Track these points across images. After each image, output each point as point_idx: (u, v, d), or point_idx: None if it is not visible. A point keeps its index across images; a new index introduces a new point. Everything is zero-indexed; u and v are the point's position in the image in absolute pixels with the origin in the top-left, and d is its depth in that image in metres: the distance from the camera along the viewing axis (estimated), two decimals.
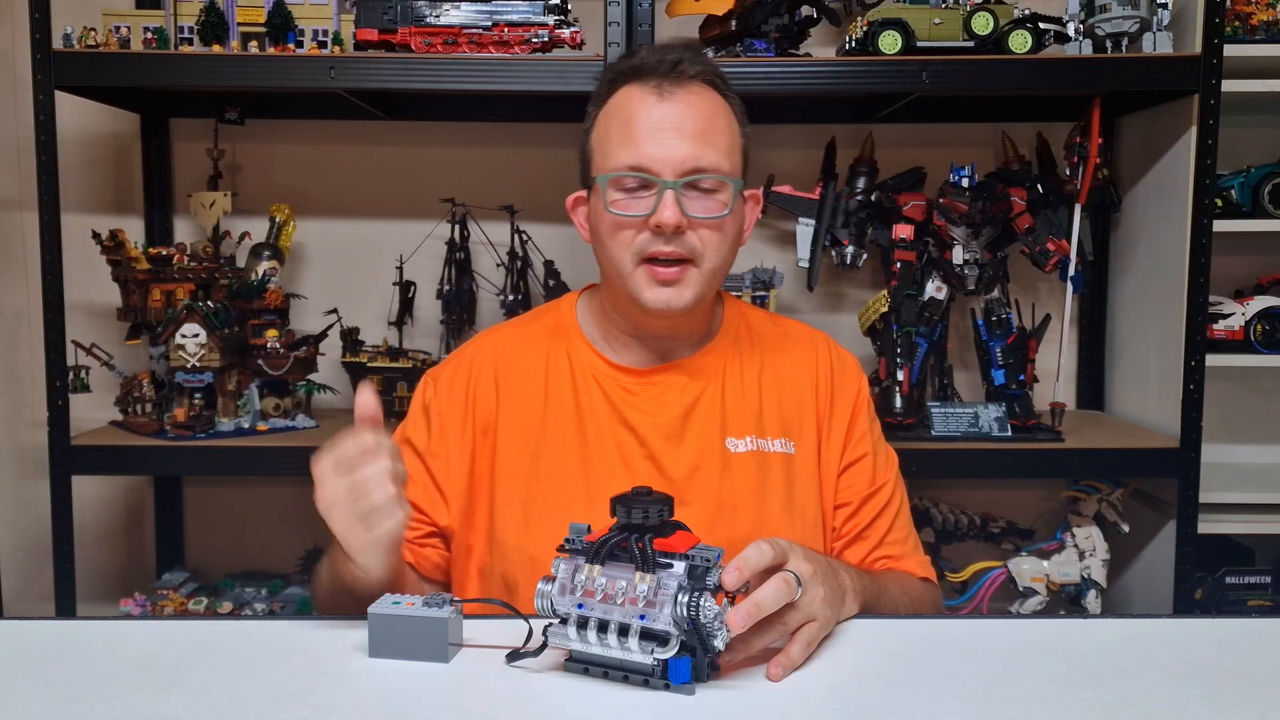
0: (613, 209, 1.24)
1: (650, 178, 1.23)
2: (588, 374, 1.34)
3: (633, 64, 1.28)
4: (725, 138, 1.27)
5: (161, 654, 0.97)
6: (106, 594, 2.39)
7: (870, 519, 1.35)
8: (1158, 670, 0.95)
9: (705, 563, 0.88)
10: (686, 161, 1.22)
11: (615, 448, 1.30)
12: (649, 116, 1.24)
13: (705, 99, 1.26)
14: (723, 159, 1.25)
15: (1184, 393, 1.99)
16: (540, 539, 1.23)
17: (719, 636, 0.87)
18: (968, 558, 2.19)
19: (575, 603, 0.90)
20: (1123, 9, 1.93)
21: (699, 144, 1.23)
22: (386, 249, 2.30)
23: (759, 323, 1.43)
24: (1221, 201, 2.13)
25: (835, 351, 1.43)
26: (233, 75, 1.94)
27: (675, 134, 1.23)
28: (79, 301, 2.22)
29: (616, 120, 1.27)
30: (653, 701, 0.87)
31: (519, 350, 1.37)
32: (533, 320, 1.44)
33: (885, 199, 2.15)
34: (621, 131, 1.25)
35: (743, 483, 1.30)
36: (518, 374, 1.35)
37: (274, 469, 2.06)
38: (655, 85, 1.25)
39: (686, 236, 1.23)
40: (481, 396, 1.34)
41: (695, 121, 1.24)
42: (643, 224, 1.23)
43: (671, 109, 1.24)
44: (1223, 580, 2.15)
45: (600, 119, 1.30)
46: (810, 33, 2.07)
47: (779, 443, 1.33)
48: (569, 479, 1.29)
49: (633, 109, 1.25)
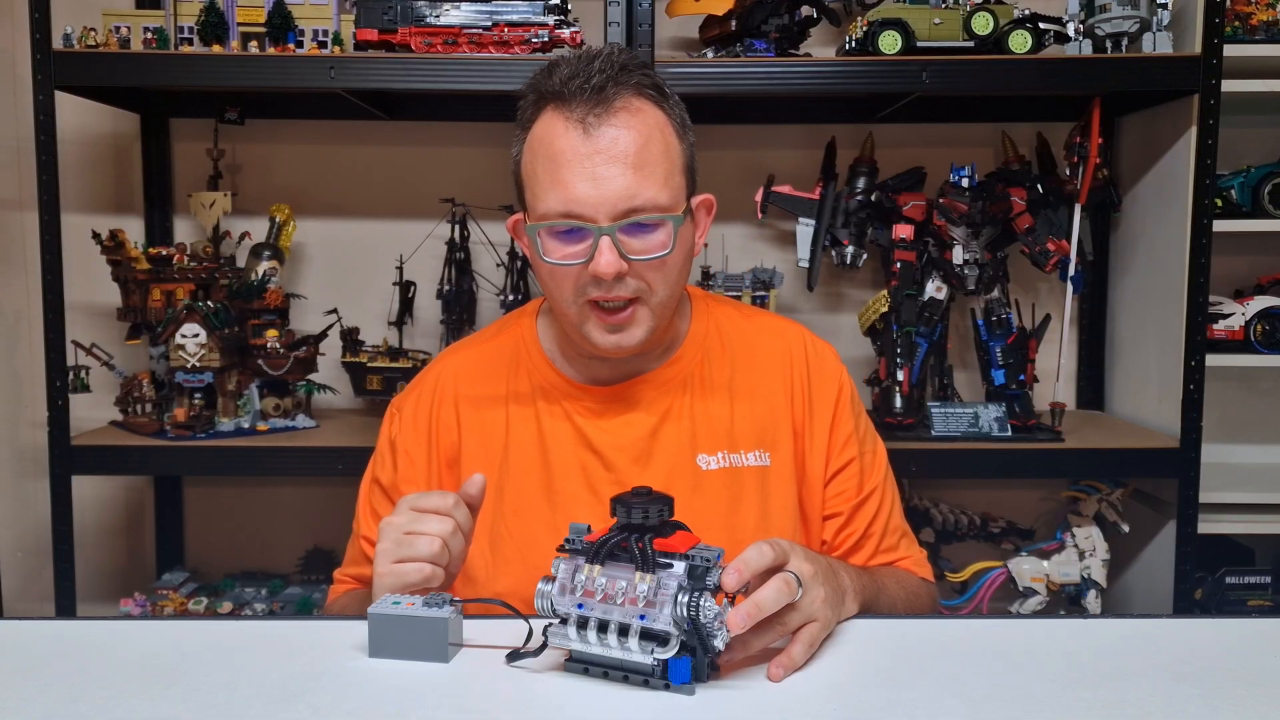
0: (548, 258, 1.16)
1: (583, 225, 1.14)
2: (550, 395, 1.29)
3: (553, 85, 1.16)
4: (662, 164, 1.16)
5: (161, 654, 0.97)
6: (106, 594, 2.39)
7: (864, 527, 1.31)
8: (1158, 670, 0.95)
9: (705, 563, 0.88)
10: (620, 202, 1.13)
11: (580, 472, 1.26)
12: (574, 154, 1.13)
13: (635, 122, 1.15)
14: (660, 191, 1.14)
15: (1184, 393, 1.99)
16: (507, 576, 1.21)
17: (719, 636, 0.87)
18: (968, 558, 2.19)
19: (575, 603, 0.90)
20: (1123, 9, 1.94)
21: (632, 180, 1.13)
22: (386, 249, 2.30)
23: (728, 322, 1.36)
24: (1221, 201, 2.13)
25: (810, 345, 1.35)
26: (233, 75, 1.94)
27: (605, 172, 1.12)
28: (79, 301, 2.22)
29: (542, 156, 1.16)
30: (653, 701, 0.87)
31: (479, 375, 1.32)
32: (493, 337, 1.38)
33: (885, 199, 2.15)
34: (548, 172, 1.15)
35: (714, 501, 1.25)
36: (478, 400, 1.31)
37: (274, 469, 2.07)
38: (579, 117, 1.14)
39: (628, 280, 1.16)
40: (443, 426, 1.30)
41: (626, 154, 1.13)
42: (582, 270, 1.15)
43: (599, 144, 1.13)
44: (1223, 580, 2.15)
45: (527, 149, 1.20)
46: (810, 33, 2.07)
47: (753, 455, 1.28)
48: (533, 509, 1.25)
49: (557, 146, 1.14)
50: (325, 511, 2.35)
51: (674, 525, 0.92)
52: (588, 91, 1.14)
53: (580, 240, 1.15)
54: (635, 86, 1.16)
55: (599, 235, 1.13)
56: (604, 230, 1.13)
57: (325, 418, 2.22)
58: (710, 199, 1.28)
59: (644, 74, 1.18)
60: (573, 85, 1.15)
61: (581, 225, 1.14)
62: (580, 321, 1.20)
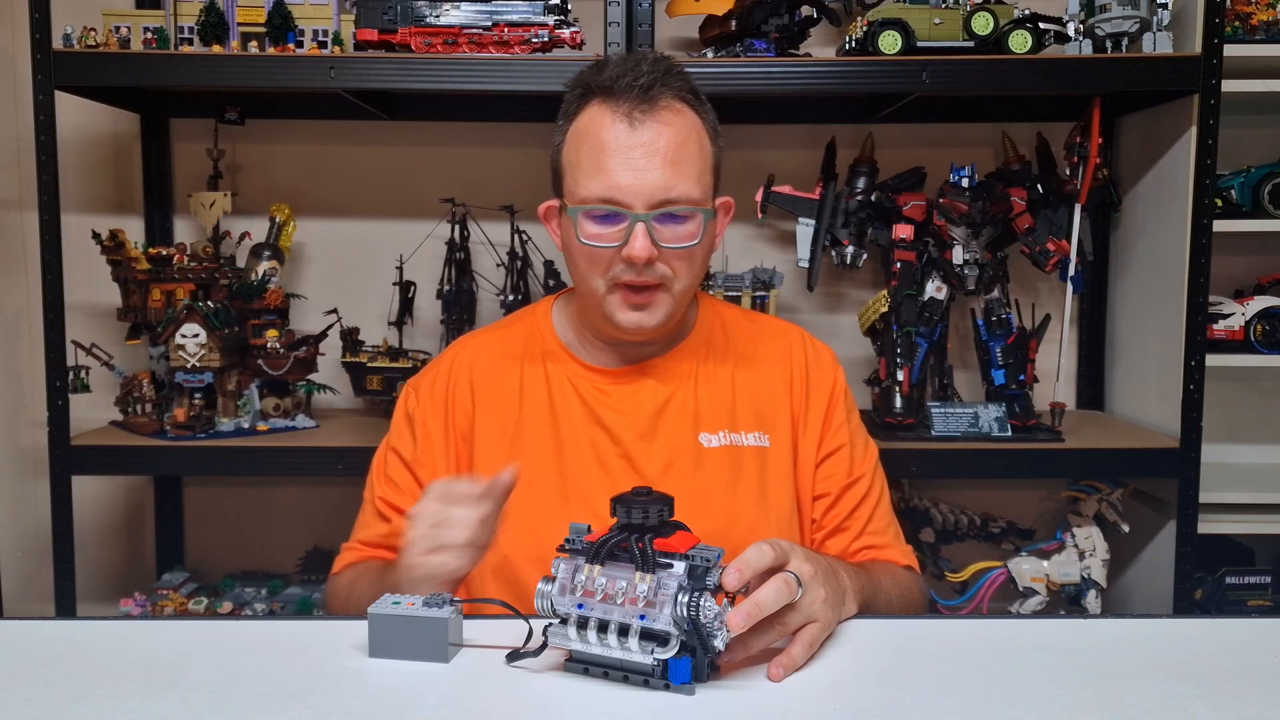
0: (584, 239, 1.25)
1: (621, 210, 1.24)
2: (562, 376, 1.37)
3: (602, 81, 1.27)
4: (697, 163, 1.27)
5: (161, 654, 0.97)
6: (106, 594, 2.39)
7: (850, 509, 1.37)
8: (1158, 670, 0.95)
9: (705, 563, 0.88)
10: (657, 193, 1.23)
11: (590, 446, 1.33)
12: (619, 145, 1.24)
13: (677, 123, 1.26)
14: (694, 186, 1.25)
15: (1184, 393, 1.99)
16: (514, 538, 1.24)
17: (719, 636, 0.87)
18: (968, 558, 2.19)
19: (575, 603, 0.90)
20: (1123, 9, 1.93)
21: (670, 174, 1.23)
22: (386, 249, 2.30)
23: (733, 320, 1.45)
24: (1221, 201, 2.13)
25: (810, 344, 1.44)
26: (233, 75, 1.94)
27: (646, 164, 1.23)
28: (79, 301, 2.22)
29: (587, 146, 1.26)
30: (653, 701, 0.87)
31: (495, 356, 1.40)
32: (509, 325, 1.47)
33: (885, 199, 2.15)
34: (592, 160, 1.25)
35: (715, 476, 1.33)
36: (493, 380, 1.38)
37: (274, 469, 2.06)
38: (626, 111, 1.24)
39: (657, 265, 1.25)
40: (459, 403, 1.37)
41: (666, 150, 1.24)
42: (615, 254, 1.25)
43: (642, 137, 1.24)
44: (1223, 580, 2.15)
45: (570, 138, 1.30)
46: (810, 33, 2.07)
47: (753, 436, 1.35)
48: (544, 478, 1.32)
49: (602, 136, 1.25)
50: (325, 512, 2.35)
51: (674, 525, 0.92)
52: (636, 90, 1.24)
53: (616, 224, 1.25)
54: (678, 90, 1.27)
55: (635, 221, 1.23)
56: (640, 217, 1.23)
57: (325, 418, 2.22)
58: (729, 201, 1.38)
59: (685, 80, 1.29)
60: (622, 83, 1.25)
61: (619, 210, 1.24)
62: (605, 301, 1.28)
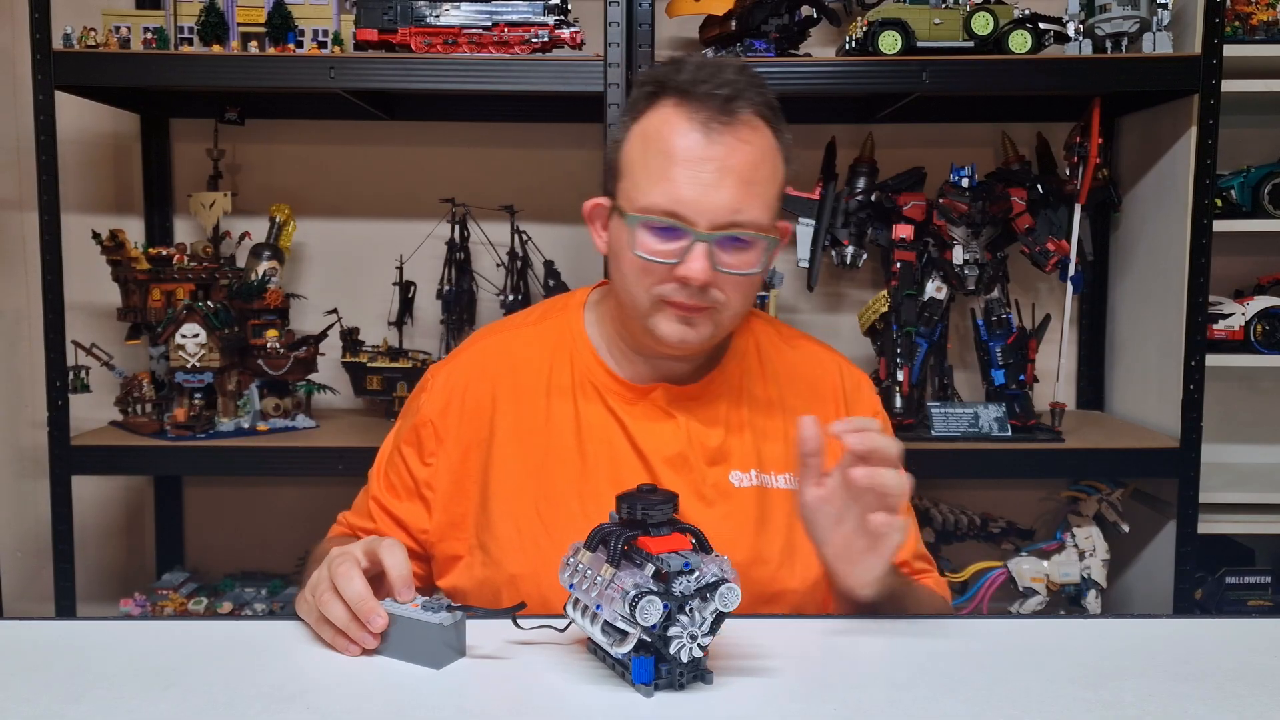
0: (639, 252, 1.15)
1: (682, 227, 1.13)
2: (593, 388, 1.27)
3: (680, 81, 1.15)
4: (769, 187, 1.16)
5: (161, 654, 0.97)
6: (106, 594, 2.39)
7: None
8: (1158, 670, 0.95)
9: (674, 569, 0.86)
10: (724, 214, 1.13)
11: (612, 466, 1.24)
12: (690, 155, 1.13)
13: (754, 141, 1.15)
14: (762, 212, 1.15)
15: (1184, 393, 1.99)
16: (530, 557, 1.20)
17: (684, 649, 0.86)
18: (968, 558, 2.19)
19: (569, 581, 0.91)
20: (1123, 9, 1.93)
21: (741, 196, 1.13)
22: (386, 249, 2.30)
23: (768, 342, 1.35)
24: (1221, 201, 2.13)
25: (847, 374, 1.36)
26: (233, 75, 1.94)
27: (717, 181, 1.12)
28: (79, 301, 2.22)
29: (655, 149, 1.15)
30: (653, 702, 0.87)
31: (522, 359, 1.30)
32: (539, 320, 1.35)
33: (885, 199, 2.15)
34: (659, 166, 1.14)
35: (742, 516, 1.24)
36: (518, 385, 1.28)
37: (274, 469, 2.06)
38: (703, 120, 1.13)
39: (710, 290, 1.16)
40: (478, 406, 1.28)
41: (740, 169, 1.13)
42: (668, 270, 1.15)
43: (716, 151, 1.13)
44: (1223, 580, 2.15)
45: (636, 135, 1.19)
46: (810, 33, 2.07)
47: (784, 479, 1.26)
48: (565, 500, 1.24)
49: (674, 142, 1.14)
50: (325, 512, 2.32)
51: (676, 525, 0.91)
52: (718, 99, 1.13)
53: (675, 240, 1.15)
54: (760, 106, 1.16)
55: (696, 240, 1.13)
56: (702, 236, 1.13)
57: (325, 418, 2.22)
58: (788, 226, 1.27)
59: (768, 95, 1.18)
60: (702, 88, 1.14)
61: (681, 226, 1.14)
62: (650, 314, 1.19)
